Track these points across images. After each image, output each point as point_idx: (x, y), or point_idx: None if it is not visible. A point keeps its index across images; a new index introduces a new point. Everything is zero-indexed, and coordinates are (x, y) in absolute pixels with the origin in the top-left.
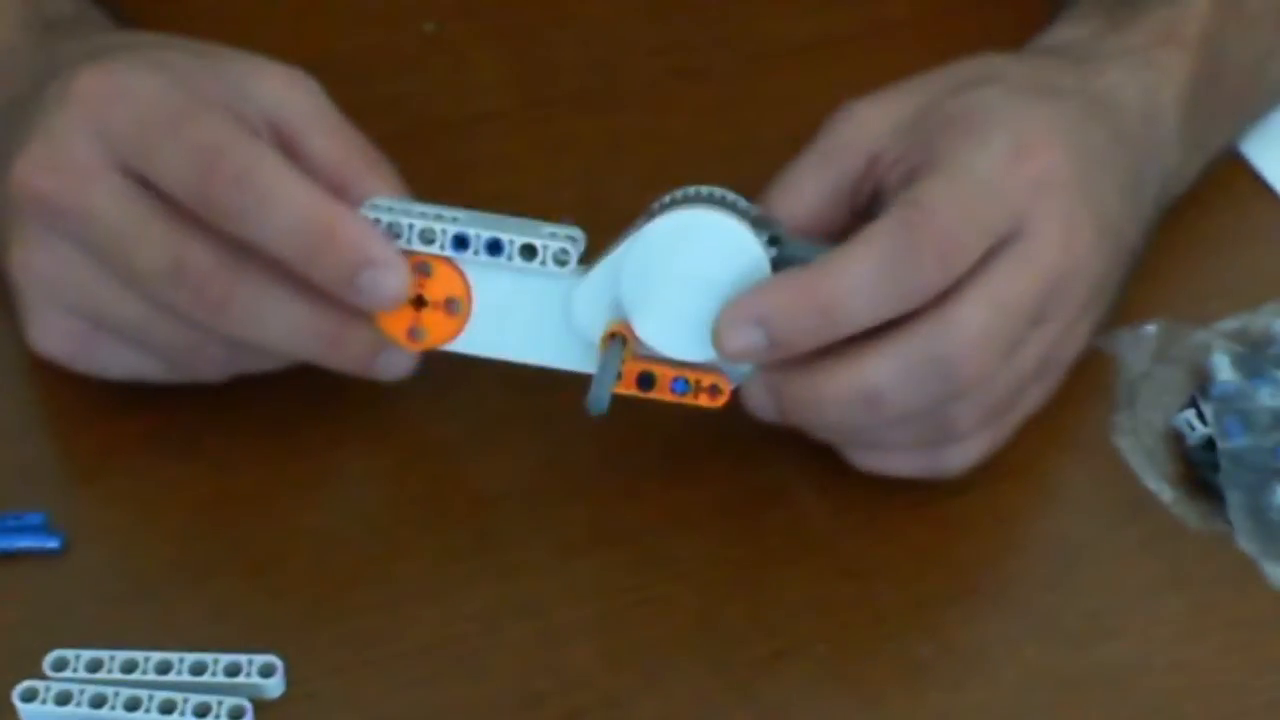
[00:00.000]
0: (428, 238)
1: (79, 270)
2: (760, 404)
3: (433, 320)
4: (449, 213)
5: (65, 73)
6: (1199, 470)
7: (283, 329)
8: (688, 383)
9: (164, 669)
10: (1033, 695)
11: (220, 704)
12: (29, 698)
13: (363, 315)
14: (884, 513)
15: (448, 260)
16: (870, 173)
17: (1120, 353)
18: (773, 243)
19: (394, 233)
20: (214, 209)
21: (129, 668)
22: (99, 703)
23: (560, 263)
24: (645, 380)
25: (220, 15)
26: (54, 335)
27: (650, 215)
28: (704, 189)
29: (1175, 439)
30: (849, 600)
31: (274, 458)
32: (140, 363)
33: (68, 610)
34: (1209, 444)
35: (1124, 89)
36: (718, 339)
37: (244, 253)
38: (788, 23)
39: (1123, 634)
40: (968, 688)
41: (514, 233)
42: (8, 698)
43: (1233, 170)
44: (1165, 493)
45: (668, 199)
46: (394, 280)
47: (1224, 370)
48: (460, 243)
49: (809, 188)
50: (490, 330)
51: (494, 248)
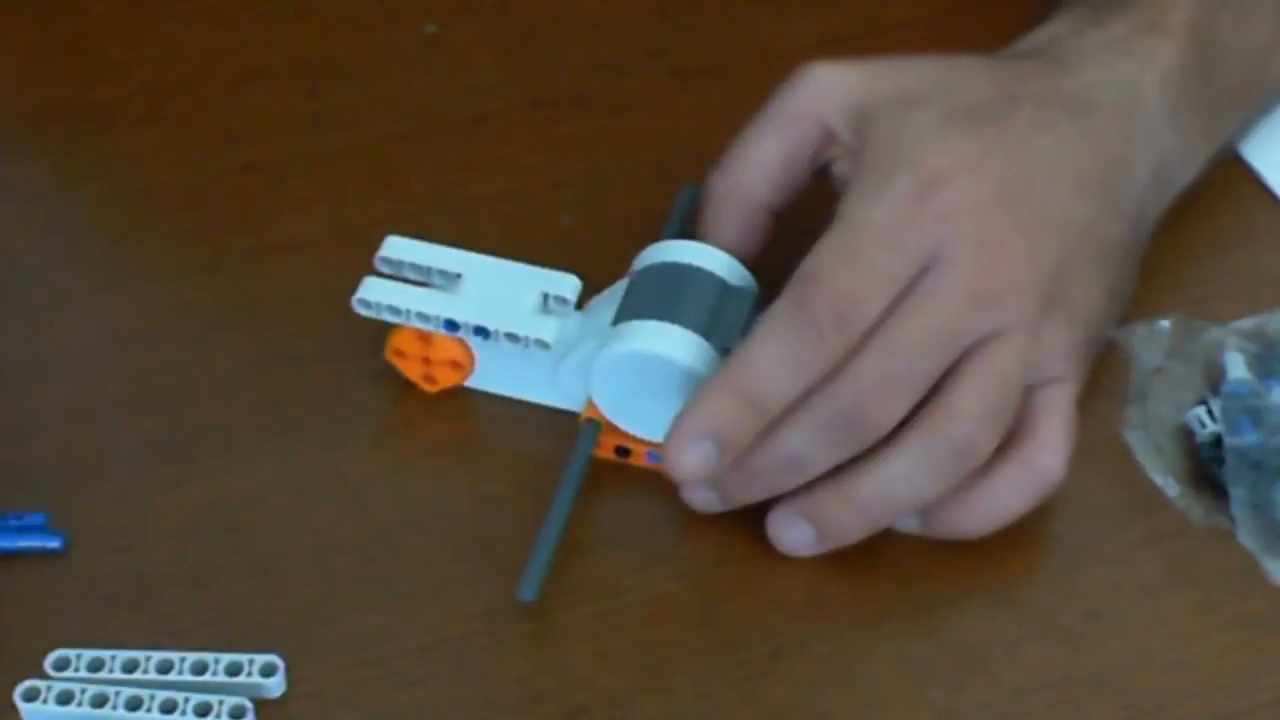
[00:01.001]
0: (424, 318)
1: None
2: (702, 499)
3: (441, 372)
4: (455, 264)
5: None
6: (1206, 467)
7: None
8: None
9: (165, 669)
10: (1033, 695)
11: (221, 703)
12: (30, 697)
13: None
14: None
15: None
16: (828, 141)
17: (1133, 347)
18: (727, 350)
19: (394, 314)
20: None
21: (130, 667)
22: (100, 702)
23: (541, 346)
24: (622, 451)
25: (221, 16)
26: None
27: (629, 276)
28: (682, 258)
29: (1185, 435)
30: (849, 600)
31: (274, 458)
32: None
33: (69, 610)
34: (1217, 441)
35: (1097, 86)
36: (672, 465)
37: None
38: (788, 23)
39: (1123, 634)
40: (968, 688)
41: (500, 321)
42: (9, 697)
43: (1233, 172)
44: (1171, 488)
45: (645, 265)
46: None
47: (1237, 368)
48: (451, 325)
49: (763, 153)
50: (493, 376)
51: (481, 331)
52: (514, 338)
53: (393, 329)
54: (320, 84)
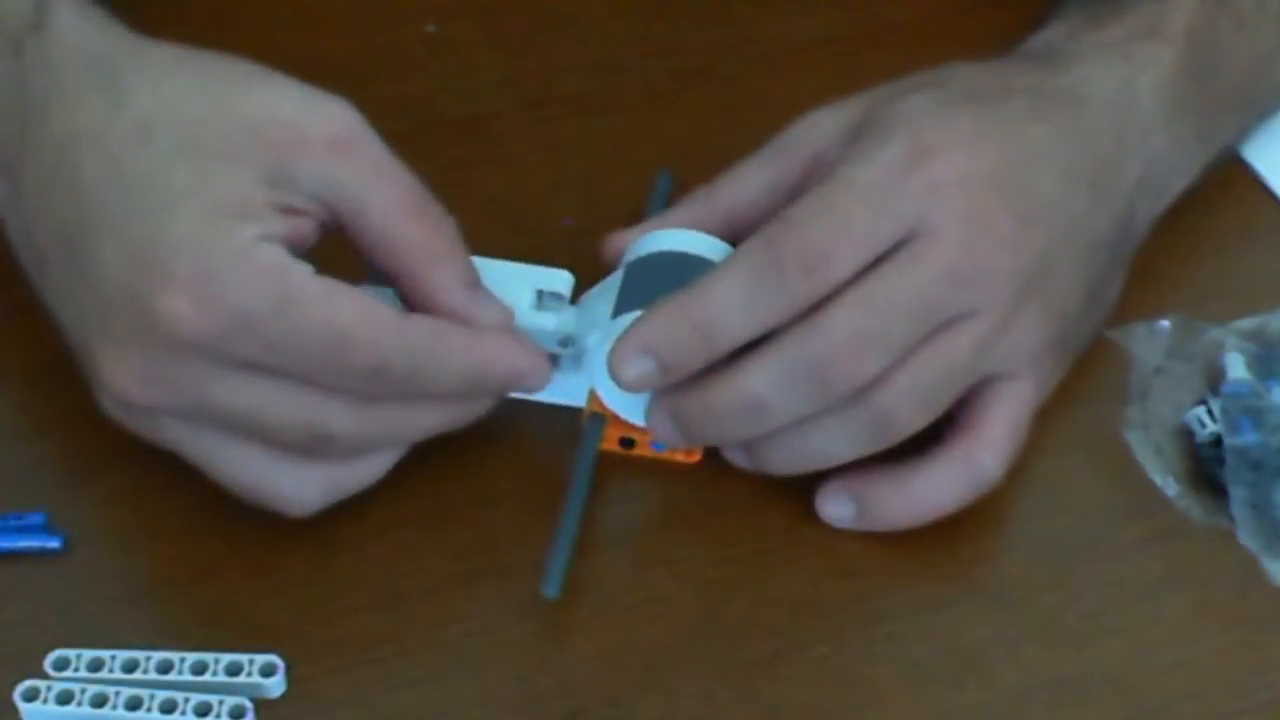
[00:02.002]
0: None
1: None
2: (665, 430)
3: None
4: None
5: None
6: (1206, 467)
7: (428, 429)
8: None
9: (165, 668)
10: (1033, 695)
11: (221, 703)
12: (30, 697)
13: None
14: None
15: None
16: (813, 172)
17: (1133, 347)
18: None
19: None
20: (350, 383)
21: (130, 667)
22: (100, 702)
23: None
24: (626, 442)
25: (222, 16)
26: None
27: (624, 267)
28: (678, 246)
29: (1185, 435)
30: (849, 600)
31: None
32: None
33: (69, 610)
34: (1217, 441)
35: (1090, 83)
36: (614, 372)
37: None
38: (788, 23)
39: (1123, 634)
40: (967, 688)
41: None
42: (9, 697)
43: (1233, 172)
44: (1171, 488)
45: (640, 255)
46: (543, 378)
47: (1237, 369)
48: None
49: (752, 179)
50: None
51: None
52: None
53: None
54: (320, 84)
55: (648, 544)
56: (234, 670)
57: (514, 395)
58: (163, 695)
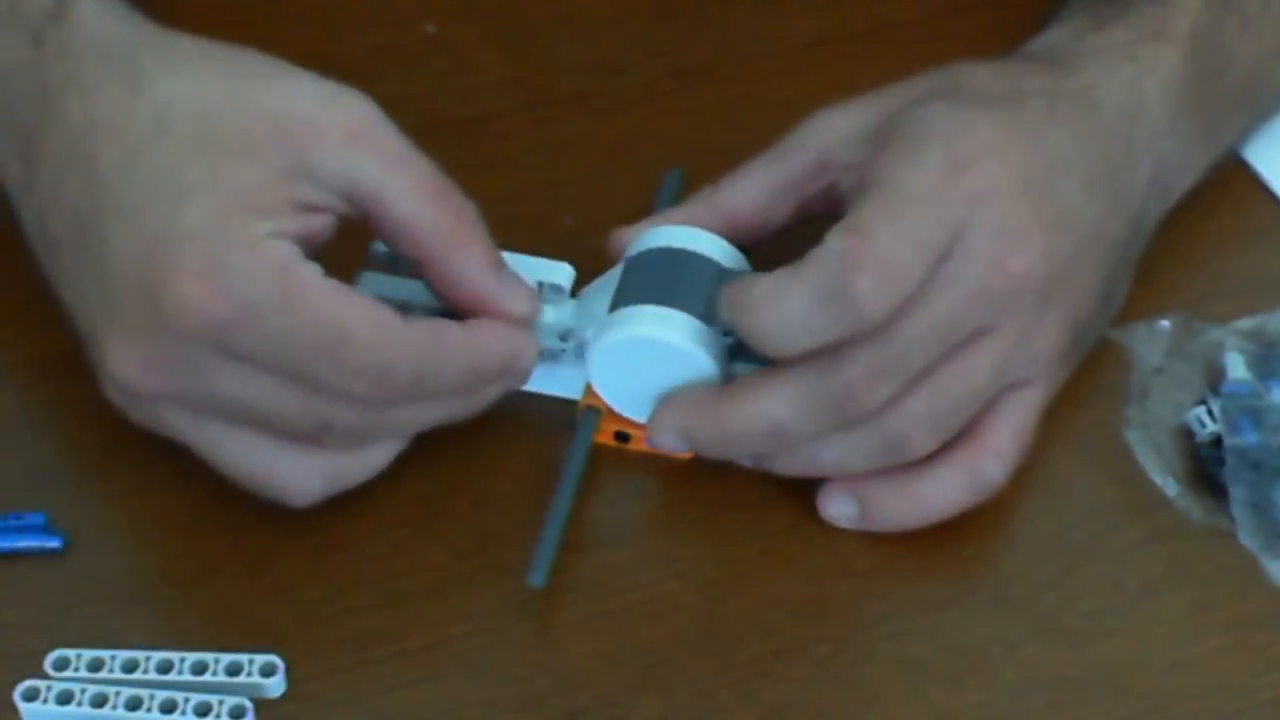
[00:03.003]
0: (425, 310)
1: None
2: (668, 443)
3: None
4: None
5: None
6: (1206, 467)
7: (430, 421)
8: None
9: (165, 668)
10: (1033, 695)
11: (221, 703)
12: (30, 697)
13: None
14: None
15: None
16: (819, 174)
17: (1134, 346)
18: (728, 333)
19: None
20: (351, 385)
21: (130, 667)
22: (100, 702)
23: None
24: (621, 436)
25: (221, 16)
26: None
27: (623, 262)
28: (676, 243)
29: (1185, 435)
30: (849, 600)
31: None
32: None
33: (69, 610)
34: (1217, 441)
35: (1100, 87)
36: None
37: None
38: (788, 23)
39: (1123, 634)
40: (968, 688)
41: None
42: (9, 697)
43: (1233, 173)
44: (1171, 488)
45: (639, 250)
46: (533, 361)
47: (1237, 369)
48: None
49: (756, 179)
50: None
51: None
52: None
53: None
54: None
55: (647, 543)
56: (234, 670)
57: (512, 399)
58: (163, 695)
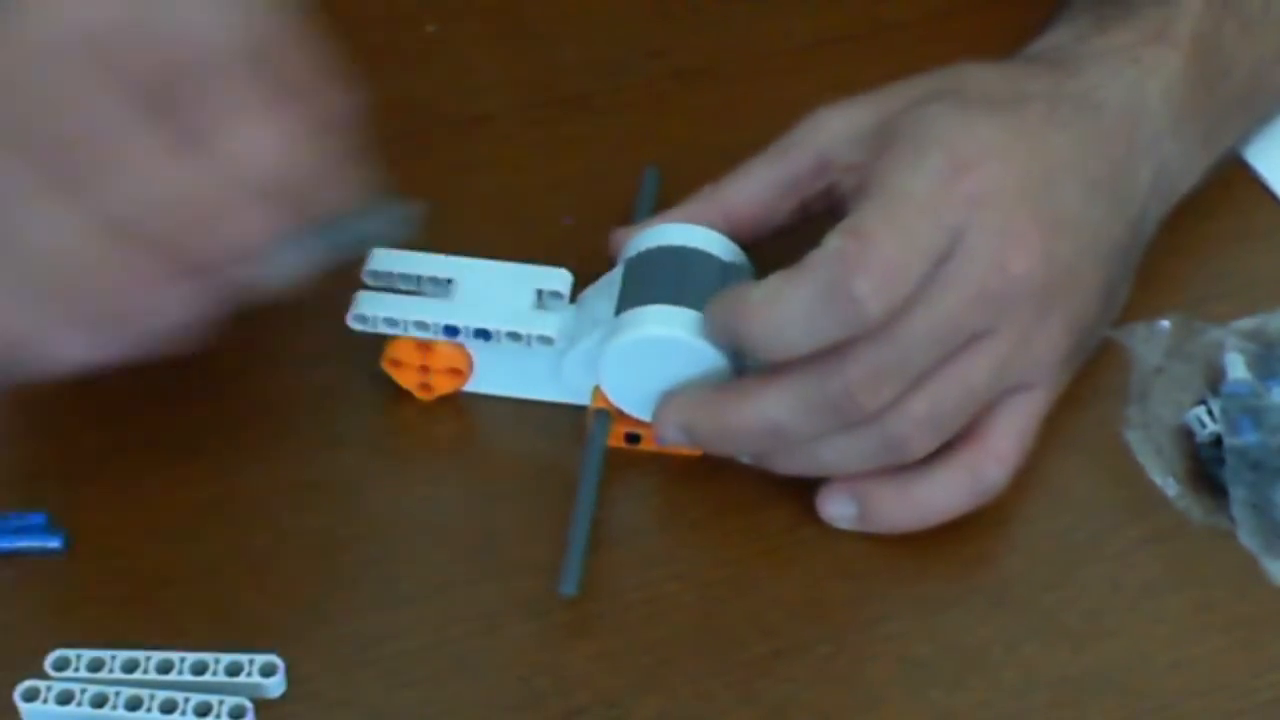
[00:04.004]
0: (422, 326)
1: None
2: (672, 437)
3: (439, 380)
4: (444, 270)
5: None
6: (1206, 467)
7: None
8: None
9: (165, 668)
10: (1033, 695)
11: (221, 703)
12: (30, 697)
13: None
14: None
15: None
16: (820, 173)
17: (1134, 346)
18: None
19: (391, 325)
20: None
21: (130, 667)
22: (100, 702)
23: (545, 342)
24: (632, 437)
25: None
26: None
27: (623, 263)
28: (676, 241)
29: (1185, 435)
30: (849, 600)
31: (274, 458)
32: None
33: (69, 610)
34: (1217, 441)
35: (1102, 89)
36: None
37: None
38: (787, 23)
39: (1123, 634)
40: (968, 688)
41: (500, 321)
42: (9, 697)
43: (1233, 173)
44: (1171, 488)
45: (639, 251)
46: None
47: (1237, 369)
48: (451, 330)
49: (756, 178)
50: (492, 378)
51: (482, 334)
52: (516, 337)
53: (389, 339)
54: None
55: (648, 544)
56: (234, 670)
57: (515, 395)
58: (163, 695)
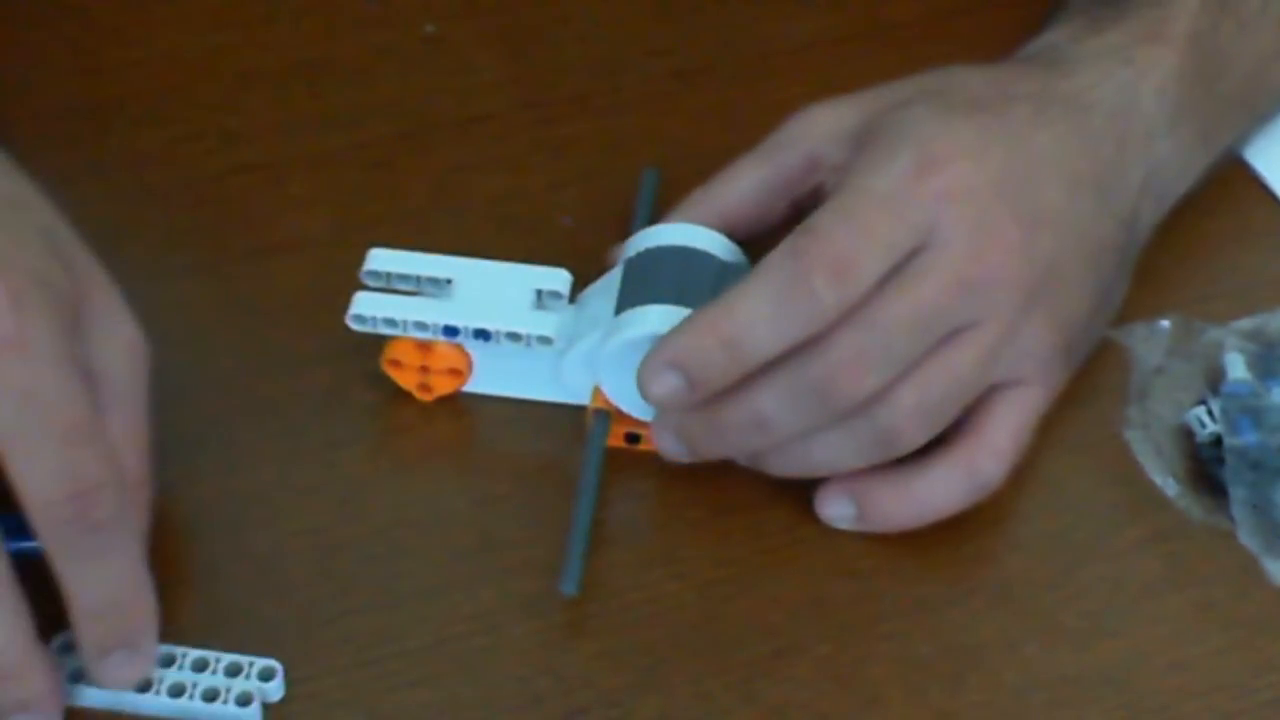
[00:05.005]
0: (421, 326)
1: None
2: (669, 446)
3: (439, 380)
4: (443, 270)
5: None
6: (1206, 467)
7: None
8: None
9: (167, 662)
10: (1033, 695)
11: (229, 690)
12: None
13: None
14: None
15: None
16: (810, 171)
17: (1134, 346)
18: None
19: (390, 325)
20: None
21: None
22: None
23: (544, 342)
24: (631, 437)
25: (220, 17)
26: None
27: (623, 263)
28: (674, 240)
29: (1185, 435)
30: (849, 600)
31: (274, 458)
32: None
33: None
34: (1217, 441)
35: (1094, 89)
36: (642, 389)
37: None
38: (788, 23)
39: (1123, 634)
40: (968, 688)
41: (499, 321)
42: None
43: (1233, 173)
44: (1171, 488)
45: (638, 251)
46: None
47: (1237, 369)
48: (451, 331)
49: (745, 177)
50: (491, 378)
51: (481, 334)
52: (515, 337)
53: (389, 340)
54: (320, 84)
55: (648, 544)
56: (233, 671)
57: (515, 395)
58: (171, 679)
